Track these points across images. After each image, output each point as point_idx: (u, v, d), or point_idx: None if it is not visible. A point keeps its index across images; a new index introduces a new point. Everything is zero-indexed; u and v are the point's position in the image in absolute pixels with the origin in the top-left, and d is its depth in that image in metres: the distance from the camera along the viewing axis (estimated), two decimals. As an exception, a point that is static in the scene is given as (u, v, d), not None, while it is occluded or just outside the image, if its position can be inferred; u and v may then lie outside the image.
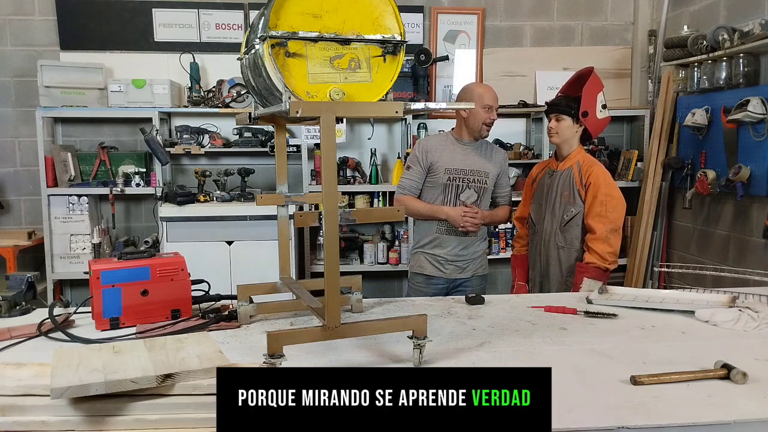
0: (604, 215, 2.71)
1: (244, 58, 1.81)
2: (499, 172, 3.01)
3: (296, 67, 1.55)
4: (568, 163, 2.84)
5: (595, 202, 2.73)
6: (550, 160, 3.00)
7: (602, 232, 2.69)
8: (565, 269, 2.83)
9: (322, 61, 1.57)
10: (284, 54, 1.54)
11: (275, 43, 1.53)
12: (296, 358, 1.63)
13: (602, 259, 2.67)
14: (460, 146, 2.96)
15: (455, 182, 2.92)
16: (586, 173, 2.78)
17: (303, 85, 1.56)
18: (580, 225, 2.80)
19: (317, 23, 1.56)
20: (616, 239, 2.73)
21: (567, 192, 2.81)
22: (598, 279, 2.64)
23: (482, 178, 2.94)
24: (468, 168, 2.93)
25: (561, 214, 2.83)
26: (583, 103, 2.78)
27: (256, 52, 1.63)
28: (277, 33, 1.53)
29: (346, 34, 1.58)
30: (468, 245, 2.96)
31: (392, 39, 1.62)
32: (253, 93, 1.85)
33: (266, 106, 1.76)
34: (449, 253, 2.95)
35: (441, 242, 2.96)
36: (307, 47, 1.56)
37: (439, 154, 2.93)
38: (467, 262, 2.97)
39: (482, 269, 3.05)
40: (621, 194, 2.79)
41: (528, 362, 1.66)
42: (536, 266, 2.95)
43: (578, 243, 2.81)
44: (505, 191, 3.08)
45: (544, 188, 2.93)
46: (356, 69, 1.60)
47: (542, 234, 2.90)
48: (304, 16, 1.55)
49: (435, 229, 2.96)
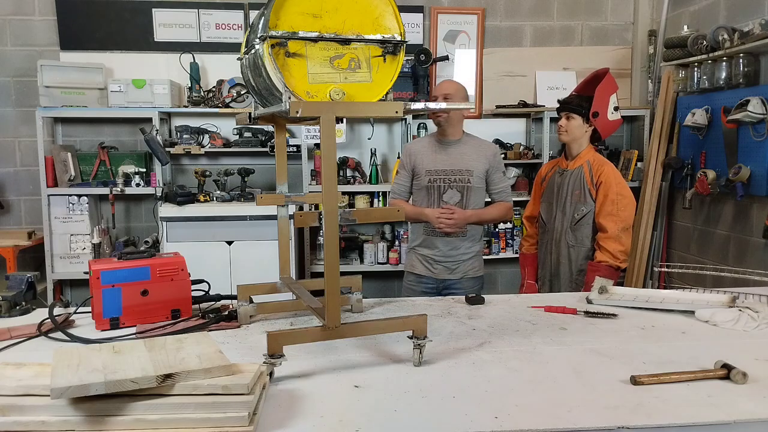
0: (615, 214, 2.72)
1: (244, 58, 1.81)
2: (488, 168, 2.94)
3: (296, 67, 1.55)
4: (578, 162, 2.85)
5: (607, 201, 2.74)
6: (560, 159, 3.00)
7: (614, 230, 2.71)
8: (576, 268, 2.84)
9: (322, 61, 1.57)
10: (284, 54, 1.54)
11: (275, 43, 1.53)
12: (296, 358, 1.63)
13: (614, 258, 2.69)
14: (442, 147, 2.95)
15: (436, 183, 2.92)
16: (597, 172, 2.79)
17: (303, 85, 1.56)
18: (590, 224, 2.81)
19: (317, 23, 1.56)
20: (627, 238, 2.74)
21: (578, 191, 2.82)
22: (609, 278, 2.64)
23: (464, 177, 2.90)
24: (449, 168, 2.92)
25: (572, 213, 2.83)
26: (595, 103, 2.79)
27: (256, 52, 1.63)
28: (277, 33, 1.53)
29: (346, 34, 1.58)
30: (457, 246, 2.93)
31: (392, 39, 1.62)
32: (253, 93, 1.85)
33: (266, 106, 1.76)
34: (437, 254, 2.95)
35: (429, 243, 2.97)
36: (307, 47, 1.55)
37: (421, 156, 2.96)
38: (457, 263, 2.95)
39: (474, 271, 2.99)
40: (632, 193, 2.81)
41: (528, 362, 1.66)
42: (546, 265, 2.95)
43: (589, 242, 2.82)
44: (499, 188, 2.98)
45: (554, 187, 2.93)
46: (356, 69, 1.60)
47: (553, 233, 2.90)
48: (304, 16, 1.55)
49: (423, 230, 2.98)
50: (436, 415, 1.34)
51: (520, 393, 1.45)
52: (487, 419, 1.31)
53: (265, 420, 1.30)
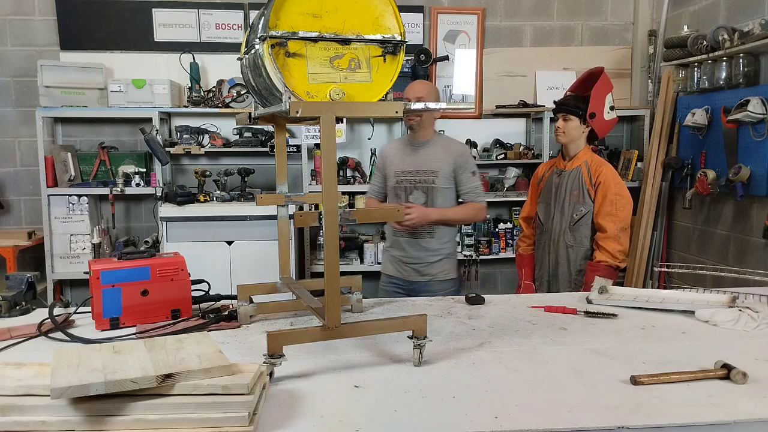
0: (614, 214, 2.73)
1: (244, 58, 1.81)
2: (454, 168, 2.88)
3: (296, 67, 1.55)
4: (576, 163, 2.85)
5: (605, 201, 2.75)
6: (557, 160, 3.00)
7: (613, 230, 2.71)
8: (575, 268, 2.84)
9: (322, 61, 1.57)
10: (284, 54, 1.54)
11: (275, 43, 1.53)
12: (296, 358, 1.63)
13: (613, 258, 2.70)
14: (412, 148, 2.96)
15: (403, 184, 2.93)
16: (595, 173, 2.80)
17: (303, 85, 1.56)
18: (589, 224, 2.81)
19: (317, 23, 1.56)
20: (626, 238, 2.75)
21: (576, 191, 2.82)
22: (609, 277, 2.65)
23: (429, 177, 2.88)
24: (414, 169, 2.91)
25: (570, 213, 2.84)
26: (592, 104, 2.79)
27: (256, 52, 1.63)
28: (277, 33, 1.53)
29: (346, 34, 1.58)
30: (423, 247, 2.90)
31: (392, 39, 1.62)
32: (253, 93, 1.85)
33: (266, 106, 1.76)
34: (405, 255, 2.95)
35: (396, 244, 2.98)
36: (307, 47, 1.55)
37: (391, 158, 2.99)
38: (425, 265, 2.92)
39: (444, 274, 2.93)
40: (629, 194, 2.81)
41: (528, 362, 1.66)
42: (544, 265, 2.95)
43: (587, 242, 2.82)
44: (467, 188, 2.90)
45: (551, 188, 2.93)
46: (356, 69, 1.60)
47: (551, 233, 2.90)
48: (304, 16, 1.55)
49: (392, 231, 3.00)
50: (436, 415, 1.34)
51: (520, 393, 1.45)
52: (487, 419, 1.31)
53: (265, 420, 1.30)
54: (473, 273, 4.68)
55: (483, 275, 4.78)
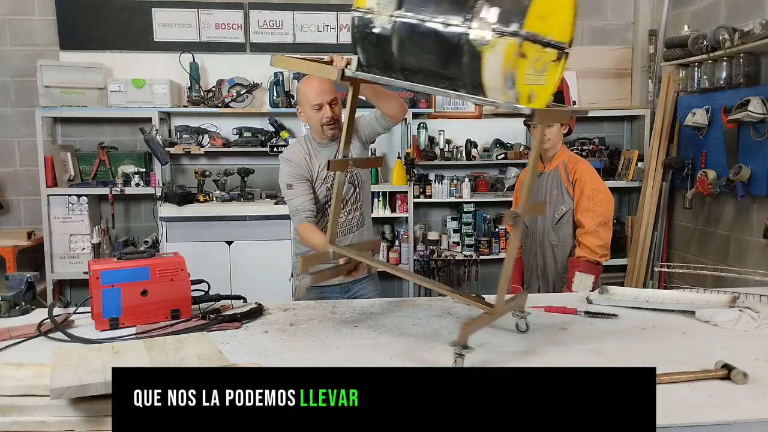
0: (592, 209, 2.75)
1: (390, 20, 1.63)
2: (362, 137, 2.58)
3: (521, 68, 1.49)
4: (554, 164, 2.88)
5: (583, 197, 2.78)
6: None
7: (591, 225, 2.73)
8: (561, 267, 2.86)
9: (531, 63, 1.50)
10: (515, 54, 1.47)
11: (522, 41, 1.46)
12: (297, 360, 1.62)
13: (593, 252, 2.71)
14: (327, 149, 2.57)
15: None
16: (572, 170, 2.83)
17: (519, 86, 1.51)
18: (571, 222, 2.84)
19: (542, 24, 1.49)
20: (606, 232, 2.77)
21: (555, 191, 2.85)
22: (590, 273, 2.68)
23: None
24: None
25: (552, 213, 2.86)
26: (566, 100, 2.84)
27: (466, 39, 1.52)
28: (524, 33, 1.45)
29: (548, 37, 1.52)
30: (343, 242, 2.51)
31: (565, 46, 1.55)
32: (377, 59, 1.70)
33: (391, 76, 1.71)
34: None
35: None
36: (530, 48, 1.48)
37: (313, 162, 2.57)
38: None
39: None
40: (607, 188, 2.84)
41: (528, 362, 1.66)
42: (531, 267, 2.96)
43: (571, 240, 2.85)
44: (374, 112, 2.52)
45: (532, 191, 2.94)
46: (542, 72, 1.54)
47: (535, 234, 2.91)
48: (537, 17, 1.48)
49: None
50: (437, 415, 1.33)
51: (520, 393, 1.44)
52: (488, 419, 1.30)
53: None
54: (473, 273, 4.68)
55: (483, 275, 4.77)
